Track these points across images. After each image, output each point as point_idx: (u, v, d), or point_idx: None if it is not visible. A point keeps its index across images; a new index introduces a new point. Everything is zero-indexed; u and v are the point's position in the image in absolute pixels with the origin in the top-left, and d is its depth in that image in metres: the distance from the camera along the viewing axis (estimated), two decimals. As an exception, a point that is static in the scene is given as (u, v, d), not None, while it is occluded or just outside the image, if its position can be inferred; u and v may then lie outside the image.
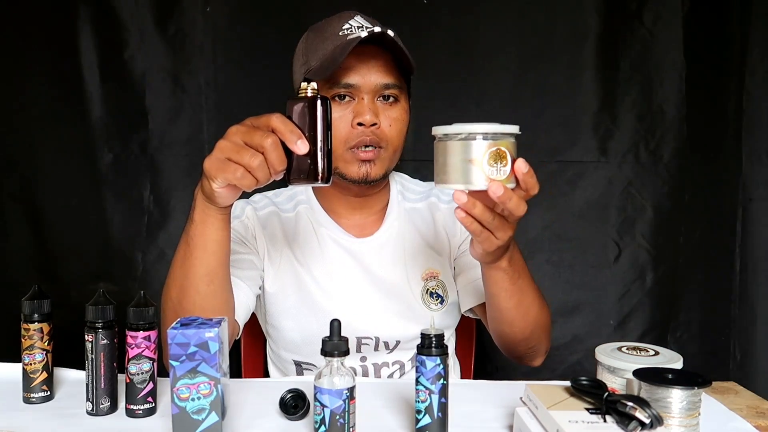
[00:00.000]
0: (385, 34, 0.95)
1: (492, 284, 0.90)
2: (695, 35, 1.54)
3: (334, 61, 0.94)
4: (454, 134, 0.74)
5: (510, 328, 0.96)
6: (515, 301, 0.92)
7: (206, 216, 0.82)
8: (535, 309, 0.95)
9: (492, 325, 1.00)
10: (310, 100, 0.75)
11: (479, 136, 0.73)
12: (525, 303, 0.93)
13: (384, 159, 1.01)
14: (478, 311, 1.09)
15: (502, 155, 0.74)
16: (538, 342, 0.99)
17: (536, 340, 0.99)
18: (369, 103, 0.98)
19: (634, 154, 1.56)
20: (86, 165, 1.50)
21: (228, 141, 0.75)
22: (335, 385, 0.67)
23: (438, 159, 0.77)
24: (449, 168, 0.75)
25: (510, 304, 0.92)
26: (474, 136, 0.73)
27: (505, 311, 0.93)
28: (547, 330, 1.01)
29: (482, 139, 0.73)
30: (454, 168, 0.74)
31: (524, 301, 0.93)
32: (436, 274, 1.08)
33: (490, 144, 0.73)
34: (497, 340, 1.03)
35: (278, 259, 1.06)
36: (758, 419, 0.81)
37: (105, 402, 0.79)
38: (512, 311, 0.93)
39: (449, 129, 0.75)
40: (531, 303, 0.94)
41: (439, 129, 0.76)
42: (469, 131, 0.73)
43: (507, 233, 0.78)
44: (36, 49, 1.49)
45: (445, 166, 0.75)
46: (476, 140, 0.73)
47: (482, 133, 0.73)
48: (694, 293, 1.58)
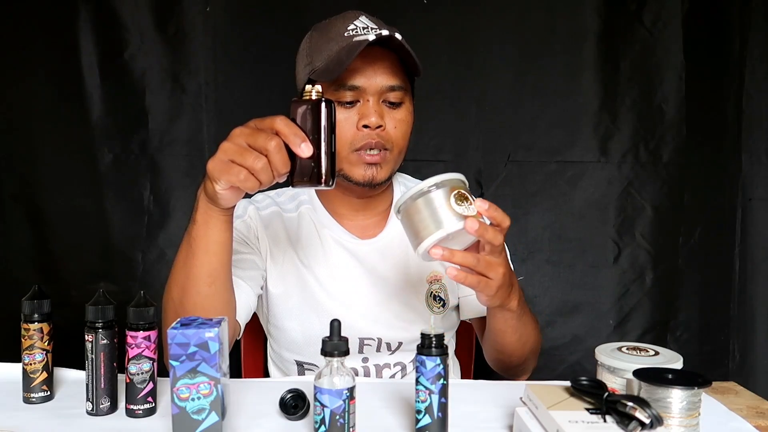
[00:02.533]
0: (393, 38, 0.95)
1: (500, 323, 0.94)
2: (695, 35, 1.54)
3: (340, 63, 0.93)
4: (410, 196, 0.78)
5: (509, 358, 1.02)
6: (518, 336, 0.96)
7: (209, 217, 0.82)
8: (532, 338, 1.00)
9: (489, 351, 1.05)
10: (314, 103, 0.75)
11: (433, 188, 0.78)
12: (525, 335, 0.97)
13: (389, 161, 1.01)
14: (473, 322, 1.13)
15: (464, 196, 0.78)
16: (529, 364, 1.06)
17: (528, 362, 1.05)
18: (374, 105, 0.97)
19: (633, 154, 1.56)
20: (86, 165, 1.50)
21: (231, 143, 0.75)
22: (335, 385, 0.67)
23: (410, 228, 0.80)
24: (421, 225, 0.78)
25: (513, 339, 0.97)
26: (429, 189, 0.77)
27: (508, 345, 0.98)
28: (538, 351, 1.06)
29: (436, 188, 0.78)
30: (426, 222, 0.77)
31: (525, 334, 0.97)
32: (440, 277, 1.08)
33: (447, 189, 0.78)
34: (490, 360, 1.08)
35: (281, 259, 1.06)
36: (758, 419, 0.81)
37: (105, 402, 0.79)
38: (514, 344, 0.98)
39: (420, 185, 0.78)
40: (530, 334, 0.99)
41: (407, 192, 0.79)
42: (421, 187, 0.78)
43: (498, 270, 0.81)
44: (36, 49, 1.49)
45: (417, 226, 0.78)
46: (433, 191, 0.78)
47: (434, 184, 0.77)
48: (693, 293, 1.58)
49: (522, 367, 1.05)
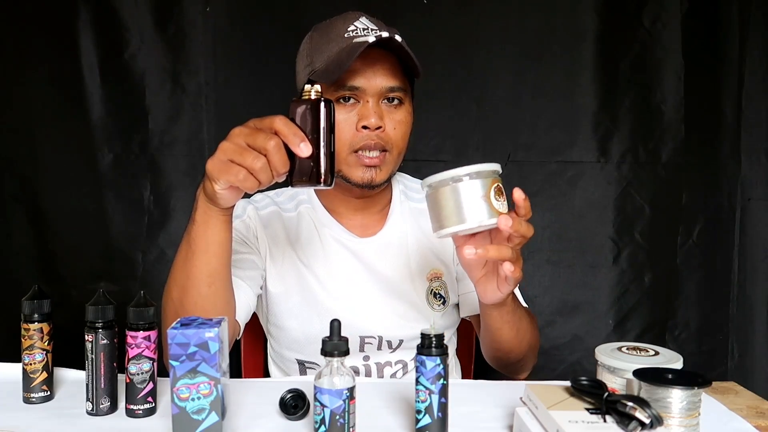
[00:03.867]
0: (393, 39, 0.95)
1: (497, 320, 0.94)
2: (694, 36, 1.54)
3: (340, 64, 0.93)
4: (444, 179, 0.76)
5: (507, 355, 1.01)
6: (515, 332, 0.96)
7: (208, 217, 0.82)
8: (529, 333, 1.00)
9: (487, 349, 1.04)
10: (314, 103, 0.75)
11: (483, 173, 0.76)
12: (522, 330, 0.97)
13: (389, 163, 1.01)
14: (472, 319, 1.12)
15: (502, 190, 0.78)
16: (528, 361, 1.05)
17: (527, 359, 1.04)
18: (374, 106, 0.97)
19: (633, 155, 1.56)
20: (87, 165, 1.50)
21: (231, 143, 0.75)
22: (335, 385, 0.67)
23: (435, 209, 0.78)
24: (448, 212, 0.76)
25: (510, 335, 0.96)
26: (478, 174, 0.76)
27: (505, 342, 0.98)
28: (537, 348, 1.05)
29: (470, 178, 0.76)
30: (471, 207, 0.76)
31: (521, 328, 0.97)
32: (440, 274, 1.09)
33: (488, 182, 0.76)
34: (489, 358, 1.07)
35: (280, 258, 1.06)
36: (758, 419, 0.81)
37: (105, 402, 0.79)
38: (512, 341, 0.97)
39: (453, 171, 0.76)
40: (527, 328, 0.99)
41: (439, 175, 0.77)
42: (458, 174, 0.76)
43: (520, 263, 0.82)
44: (36, 49, 1.49)
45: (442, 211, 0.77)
46: (482, 177, 0.76)
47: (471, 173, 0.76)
48: (692, 293, 1.59)
49: (521, 364, 1.05)
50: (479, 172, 0.76)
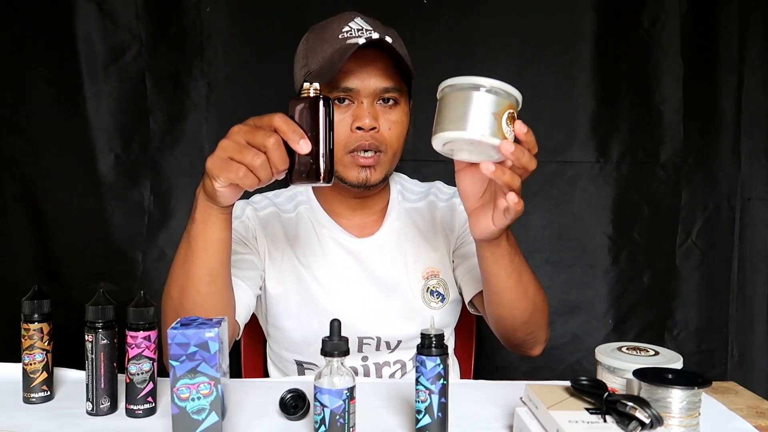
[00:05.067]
0: (383, 41, 0.95)
1: (492, 263, 0.89)
2: (693, 36, 1.54)
3: (333, 66, 0.94)
4: (465, 84, 0.73)
5: (510, 311, 0.95)
6: (514, 280, 0.91)
7: (208, 215, 0.82)
8: (533, 288, 0.94)
9: (492, 311, 0.98)
10: (313, 101, 0.75)
11: (503, 92, 0.73)
12: (523, 281, 0.92)
13: (384, 163, 1.01)
14: (477, 302, 1.07)
15: (515, 118, 0.75)
16: (536, 327, 0.98)
17: (535, 324, 0.97)
18: (368, 106, 0.98)
19: (632, 155, 1.57)
20: (86, 165, 1.50)
21: (230, 140, 0.75)
22: (335, 385, 0.67)
23: (454, 108, 0.74)
24: (476, 118, 0.72)
25: (509, 284, 0.91)
26: (496, 91, 0.73)
27: (505, 291, 0.92)
28: (546, 315, 1.00)
29: (505, 97, 0.74)
30: (479, 118, 0.72)
31: (522, 279, 0.92)
32: (437, 272, 1.09)
33: (511, 104, 0.74)
34: (497, 328, 1.01)
35: (279, 259, 1.06)
36: (758, 419, 0.81)
37: (105, 402, 0.79)
38: (512, 291, 0.92)
39: (474, 79, 0.73)
40: (529, 282, 0.93)
41: (458, 78, 0.74)
42: (498, 87, 0.73)
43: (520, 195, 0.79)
44: (37, 49, 1.49)
45: (464, 115, 0.73)
46: (500, 96, 0.73)
47: (495, 88, 0.73)
48: (692, 293, 1.59)
49: (529, 330, 0.97)
50: (498, 90, 0.73)
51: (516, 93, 0.75)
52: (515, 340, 1.00)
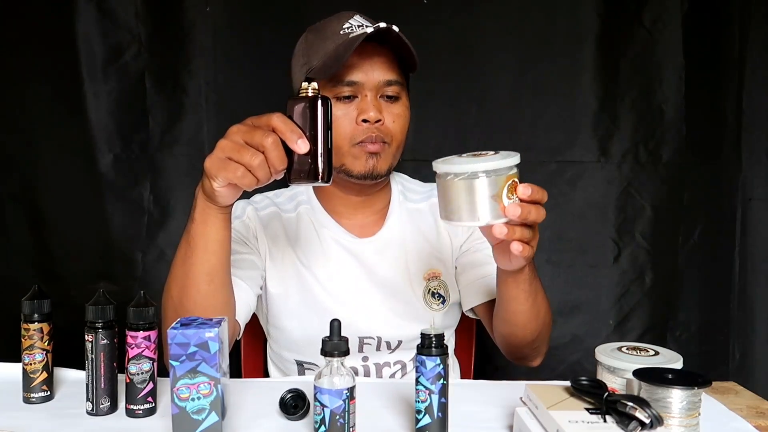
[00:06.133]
0: (391, 30, 0.95)
1: (513, 288, 0.90)
2: (695, 36, 1.54)
3: (338, 58, 0.94)
4: (457, 173, 0.75)
5: (522, 331, 0.96)
6: (530, 302, 0.92)
7: (207, 215, 0.82)
8: (544, 308, 0.96)
9: (501, 328, 0.99)
10: (311, 100, 0.75)
11: (502, 170, 0.75)
12: (537, 303, 0.93)
13: (389, 154, 1.01)
14: (479, 311, 1.09)
15: (517, 185, 0.76)
16: (542, 342, 1.00)
17: (541, 339, 0.99)
18: (372, 100, 0.98)
19: (633, 155, 1.56)
20: (86, 165, 1.50)
21: (229, 140, 0.75)
22: (335, 385, 0.67)
23: (455, 196, 0.76)
24: (478, 206, 0.75)
25: (526, 306, 0.92)
26: (500, 170, 0.75)
27: (520, 314, 0.93)
28: (550, 330, 1.01)
29: (504, 173, 0.75)
30: (483, 205, 0.75)
31: (537, 301, 0.93)
32: (438, 274, 1.09)
33: (510, 175, 0.75)
34: (502, 342, 1.03)
35: (280, 259, 1.06)
36: (758, 419, 0.81)
37: (105, 402, 0.79)
38: (527, 313, 0.93)
39: (471, 166, 0.74)
40: (542, 302, 0.95)
41: (456, 167, 0.75)
42: (494, 168, 0.74)
43: (537, 237, 0.80)
44: (36, 49, 1.49)
45: (466, 204, 0.75)
46: (499, 175, 0.75)
47: (506, 167, 0.75)
48: (693, 293, 1.58)
49: (535, 345, 1.00)
50: (497, 170, 0.74)
51: (513, 161, 0.76)
52: (519, 354, 1.02)
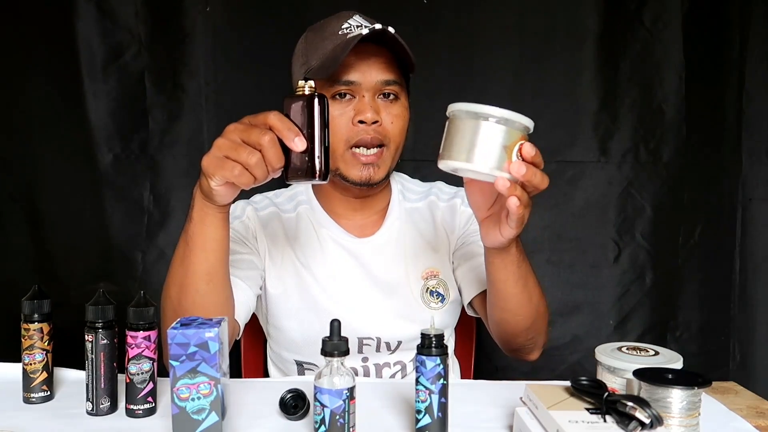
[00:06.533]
0: (386, 32, 0.95)
1: (500, 270, 0.89)
2: (695, 35, 1.54)
3: (335, 59, 0.94)
4: (494, 116, 0.72)
5: (514, 317, 0.95)
6: (521, 286, 0.91)
7: (205, 215, 0.82)
8: (537, 294, 0.94)
9: (495, 315, 0.98)
10: (308, 98, 0.75)
11: (516, 123, 0.72)
12: (529, 287, 0.92)
13: (386, 159, 1.01)
14: (476, 304, 1.07)
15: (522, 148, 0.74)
16: (537, 333, 0.98)
17: (536, 330, 0.98)
18: (370, 100, 0.98)
19: (633, 154, 1.56)
20: (86, 165, 1.50)
21: (226, 139, 0.75)
22: (335, 385, 0.67)
23: (462, 136, 0.73)
24: (485, 150, 0.72)
25: (516, 290, 0.91)
26: (513, 122, 0.72)
27: (511, 297, 0.92)
28: (546, 320, 1.00)
29: (517, 128, 0.73)
30: (492, 152, 0.72)
31: (528, 285, 0.92)
32: (437, 272, 1.09)
33: (524, 135, 0.73)
34: (498, 332, 1.01)
35: (280, 259, 1.06)
36: (758, 419, 0.81)
37: (105, 402, 0.79)
38: (518, 297, 0.92)
39: (486, 109, 0.72)
40: (533, 287, 0.93)
41: (473, 106, 0.73)
42: (509, 117, 0.72)
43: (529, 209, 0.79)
44: (36, 49, 1.49)
45: (471, 146, 0.72)
46: (512, 126, 0.72)
47: (519, 123, 0.73)
48: (693, 293, 1.58)
49: (531, 336, 0.98)
50: (509, 120, 0.72)
51: (528, 122, 0.74)
52: (515, 344, 1.00)
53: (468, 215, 1.10)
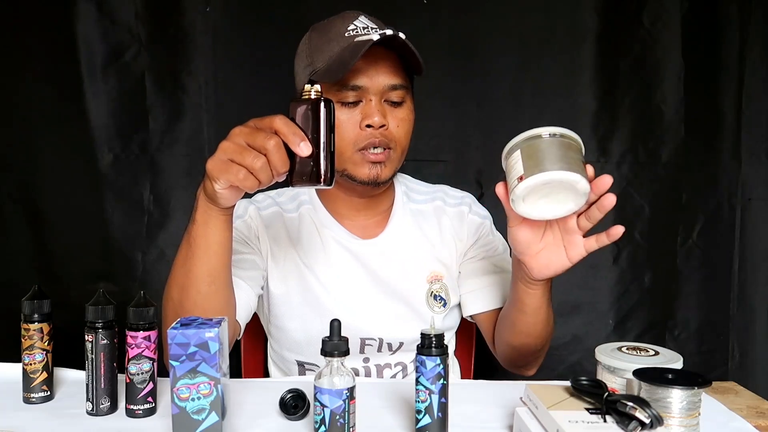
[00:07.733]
0: (397, 37, 0.95)
1: (538, 298, 0.92)
2: (694, 36, 1.54)
3: (344, 63, 0.93)
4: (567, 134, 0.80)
5: (530, 340, 0.98)
6: (544, 313, 0.94)
7: (208, 217, 0.82)
8: (552, 319, 0.98)
9: (512, 339, 1.00)
10: (314, 103, 0.75)
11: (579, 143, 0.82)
12: (549, 314, 0.95)
13: (393, 160, 1.01)
14: (481, 318, 1.09)
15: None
16: (543, 353, 1.03)
17: (546, 348, 1.02)
18: (377, 104, 0.97)
19: (633, 154, 1.56)
20: (86, 165, 1.50)
21: (231, 142, 0.75)
22: (335, 385, 0.67)
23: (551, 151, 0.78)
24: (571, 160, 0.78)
25: (540, 317, 0.94)
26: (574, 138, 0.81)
27: (533, 325, 0.95)
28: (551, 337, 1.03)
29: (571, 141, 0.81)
30: (576, 162, 0.78)
31: (549, 313, 0.95)
32: (441, 276, 1.08)
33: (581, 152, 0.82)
34: (507, 352, 1.03)
35: (282, 259, 1.06)
36: (758, 419, 0.81)
37: (105, 402, 0.79)
38: (540, 324, 0.95)
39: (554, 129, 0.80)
40: (551, 314, 0.97)
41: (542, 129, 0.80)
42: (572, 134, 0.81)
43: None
44: (36, 49, 1.49)
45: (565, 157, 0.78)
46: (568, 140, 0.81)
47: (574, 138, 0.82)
48: (692, 293, 1.59)
49: (540, 354, 1.02)
50: (573, 137, 0.80)
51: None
52: (522, 362, 1.04)
53: (477, 224, 1.11)
